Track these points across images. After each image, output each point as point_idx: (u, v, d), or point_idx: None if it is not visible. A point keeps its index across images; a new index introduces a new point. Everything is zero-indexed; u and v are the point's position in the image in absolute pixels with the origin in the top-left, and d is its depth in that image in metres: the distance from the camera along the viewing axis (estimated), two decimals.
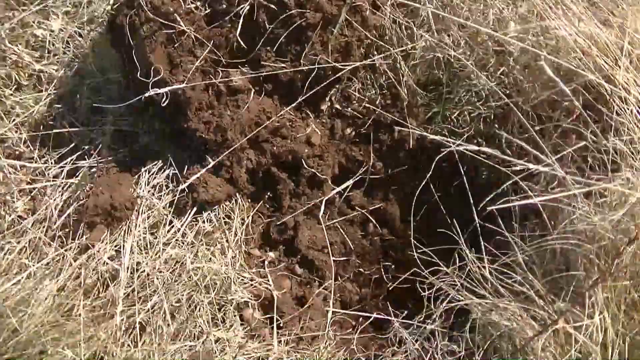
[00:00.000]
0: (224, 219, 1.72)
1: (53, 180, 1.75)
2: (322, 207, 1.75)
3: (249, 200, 1.79)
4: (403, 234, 1.84)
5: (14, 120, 1.88)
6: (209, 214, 1.72)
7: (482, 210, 1.59)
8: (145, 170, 1.73)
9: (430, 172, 1.63)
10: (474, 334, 1.46)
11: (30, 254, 1.66)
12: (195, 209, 1.71)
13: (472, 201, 1.58)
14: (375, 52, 1.89)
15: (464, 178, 1.67)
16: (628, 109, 1.47)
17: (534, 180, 1.57)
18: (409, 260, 1.75)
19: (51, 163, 1.79)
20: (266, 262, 1.74)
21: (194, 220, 1.71)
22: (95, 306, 1.61)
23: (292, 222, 1.77)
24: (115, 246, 1.66)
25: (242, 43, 1.73)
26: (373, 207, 1.85)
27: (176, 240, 1.66)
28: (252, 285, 1.67)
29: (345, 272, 1.80)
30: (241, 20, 1.72)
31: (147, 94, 1.62)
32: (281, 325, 1.65)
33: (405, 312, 1.62)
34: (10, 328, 1.52)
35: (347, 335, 1.67)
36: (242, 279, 1.67)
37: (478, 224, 1.58)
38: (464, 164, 1.71)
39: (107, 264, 1.63)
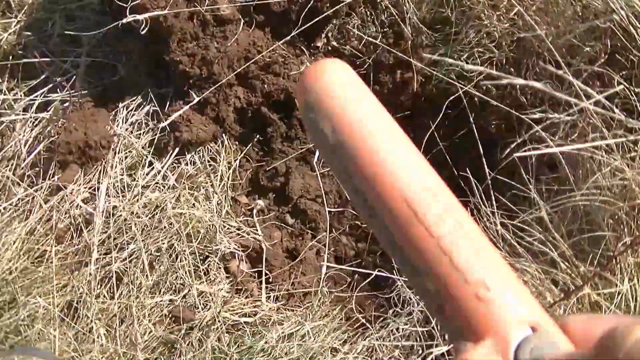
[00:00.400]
0: (208, 161, 1.60)
1: (22, 114, 1.61)
2: (317, 153, 1.63)
3: (237, 143, 1.66)
4: None
5: None
6: (192, 155, 1.59)
7: (493, 163, 1.49)
8: (123, 106, 1.60)
9: (436, 119, 1.53)
10: None
11: None
12: (177, 149, 1.58)
13: (482, 152, 1.48)
14: None
15: (473, 126, 1.56)
16: None
17: (551, 131, 1.46)
18: None
19: (21, 95, 1.65)
20: (254, 211, 1.62)
21: (176, 162, 1.59)
22: (68, 253, 1.50)
23: (283, 168, 1.65)
24: (90, 188, 1.54)
25: None
26: None
27: (156, 183, 1.54)
28: (239, 235, 1.55)
29: (340, 224, 1.68)
30: None
31: (124, 20, 1.48)
32: (270, 279, 1.54)
33: None
34: None
35: (342, 292, 1.56)
36: (228, 228, 1.55)
37: (489, 175, 1.48)
38: (472, 111, 1.59)
39: (80, 207, 1.51)
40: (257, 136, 1.68)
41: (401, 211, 0.43)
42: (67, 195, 1.51)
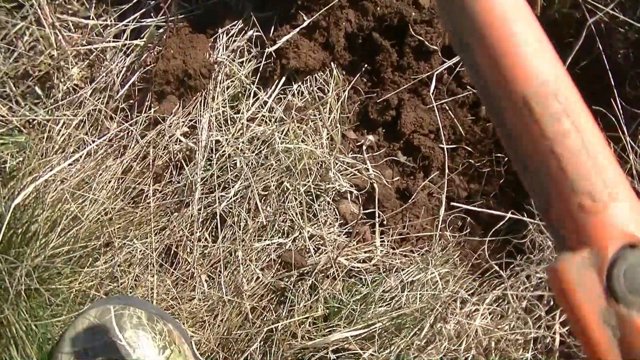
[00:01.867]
0: (317, 92, 1.42)
1: (114, 42, 1.44)
2: (433, 83, 1.44)
3: (344, 72, 1.48)
4: None
5: None
6: (299, 85, 1.42)
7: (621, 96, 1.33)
8: (223, 32, 1.42)
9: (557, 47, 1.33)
10: None
11: (89, 129, 1.39)
12: (283, 79, 1.41)
13: (612, 82, 1.31)
14: None
15: (603, 55, 1.38)
16: None
17: None
18: None
19: (111, 21, 1.47)
20: (364, 147, 1.44)
21: (282, 92, 1.41)
22: (166, 192, 1.35)
23: (395, 100, 1.47)
24: (190, 121, 1.37)
25: None
26: None
27: (262, 116, 1.37)
28: (352, 173, 1.38)
29: (453, 162, 1.49)
30: None
31: None
32: (383, 222, 1.37)
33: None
34: (69, 215, 1.26)
35: (467, 236, 1.39)
36: (340, 165, 1.38)
37: (619, 108, 1.31)
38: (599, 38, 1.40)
39: (180, 141, 1.35)
40: (365, 65, 1.50)
41: (518, 108, 0.43)
42: (165, 129, 1.35)
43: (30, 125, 1.42)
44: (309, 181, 1.31)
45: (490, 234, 1.29)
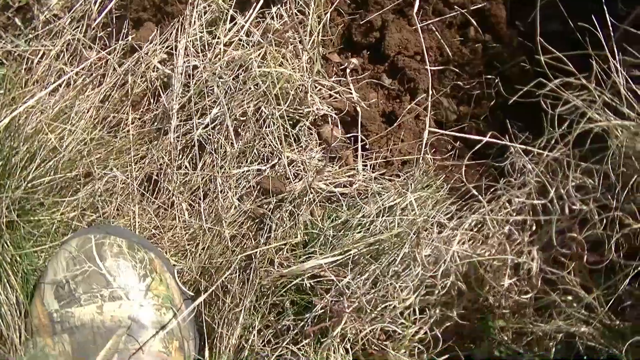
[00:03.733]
0: (296, 14, 1.33)
1: None
2: (417, 3, 1.33)
3: None
4: (509, 41, 1.42)
5: None
6: (278, 8, 1.33)
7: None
8: None
9: None
10: (614, 166, 1.05)
11: (69, 59, 1.32)
12: (261, 1, 1.32)
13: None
14: None
15: None
16: None
17: None
18: (514, 75, 1.37)
19: None
20: (348, 70, 1.36)
21: (260, 16, 1.32)
22: (145, 120, 1.28)
23: (379, 21, 1.37)
24: (167, 47, 1.30)
25: None
26: (475, 6, 1.42)
27: (239, 40, 1.29)
28: (331, 96, 1.30)
29: (441, 85, 1.40)
30: None
31: None
32: (366, 146, 1.30)
33: (520, 135, 1.20)
34: (49, 146, 1.20)
35: (447, 160, 1.31)
36: (320, 89, 1.30)
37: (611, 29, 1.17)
38: None
39: (157, 69, 1.28)
40: None
41: None
42: (142, 57, 1.28)
43: (12, 57, 1.35)
44: (286, 105, 1.24)
45: (468, 158, 1.19)
